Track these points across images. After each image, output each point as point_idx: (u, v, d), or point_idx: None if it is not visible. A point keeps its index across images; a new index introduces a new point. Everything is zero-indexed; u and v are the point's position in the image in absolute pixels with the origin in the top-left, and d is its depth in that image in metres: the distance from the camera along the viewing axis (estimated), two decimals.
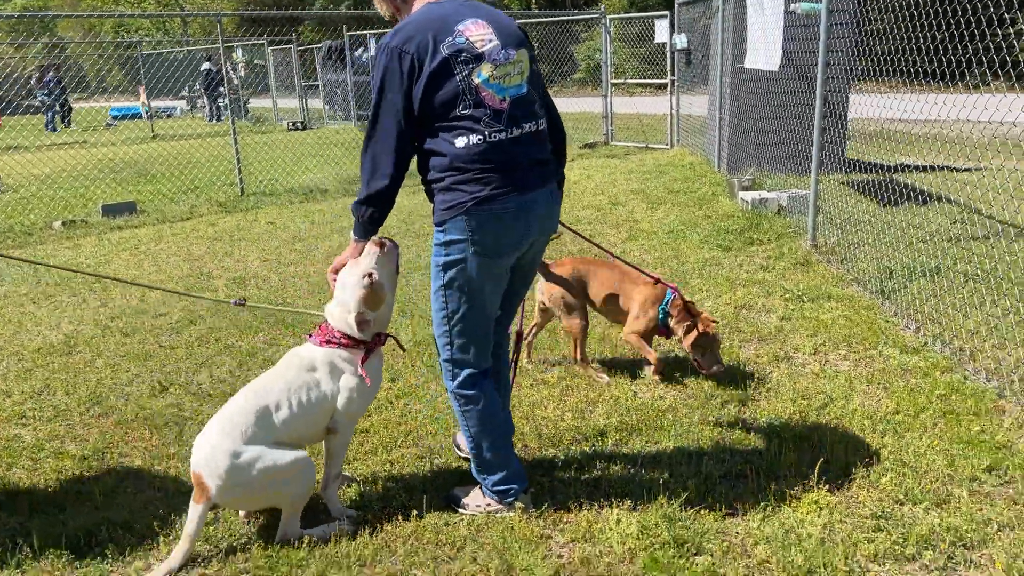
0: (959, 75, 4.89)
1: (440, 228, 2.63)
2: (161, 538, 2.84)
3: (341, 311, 2.82)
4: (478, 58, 2.54)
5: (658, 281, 4.07)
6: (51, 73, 21.59)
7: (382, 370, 3.00)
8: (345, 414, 2.84)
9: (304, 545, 2.73)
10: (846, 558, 2.57)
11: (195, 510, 2.64)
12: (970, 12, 4.59)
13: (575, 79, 28.20)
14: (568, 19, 17.67)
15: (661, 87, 14.19)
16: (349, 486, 3.15)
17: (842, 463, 3.15)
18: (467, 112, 2.53)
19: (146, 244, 7.84)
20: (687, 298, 4.10)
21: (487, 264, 2.64)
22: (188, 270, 6.73)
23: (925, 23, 5.06)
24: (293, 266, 6.73)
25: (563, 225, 3.19)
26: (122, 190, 11.00)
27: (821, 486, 2.99)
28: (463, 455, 3.25)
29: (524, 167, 2.65)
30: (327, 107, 21.73)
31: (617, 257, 4.29)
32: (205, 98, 23.51)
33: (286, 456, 2.68)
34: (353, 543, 2.75)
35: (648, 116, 15.90)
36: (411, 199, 8.48)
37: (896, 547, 2.63)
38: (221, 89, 23.78)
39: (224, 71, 13.11)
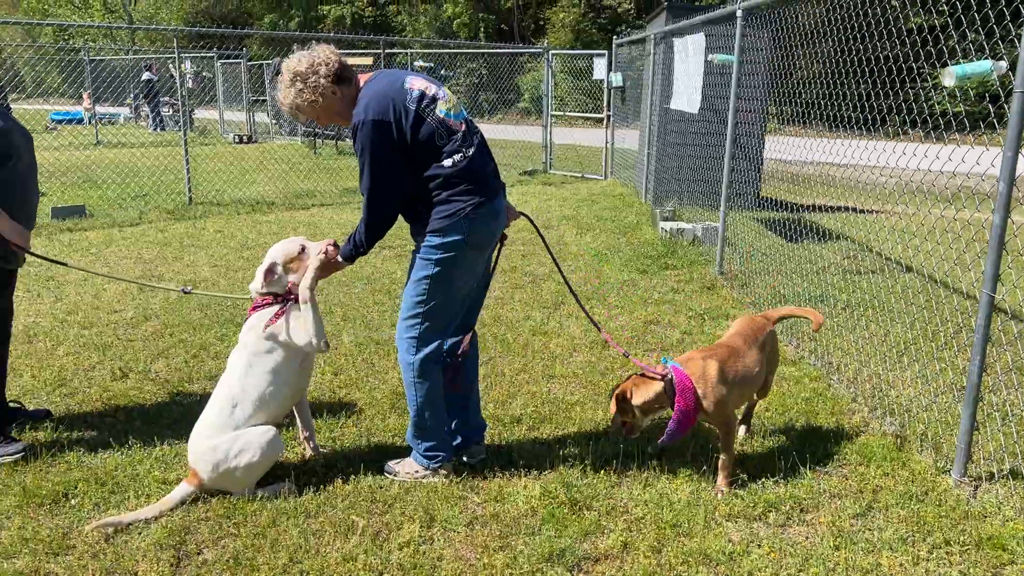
0: (873, 122, 5.59)
1: (437, 232, 3.16)
2: (131, 494, 3.29)
3: (258, 273, 3.36)
4: (433, 99, 3.16)
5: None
6: None
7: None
8: (296, 336, 3.30)
9: (257, 499, 3.21)
10: (705, 516, 3.17)
11: (183, 490, 3.17)
12: (879, 65, 5.32)
13: (519, 107, 29.08)
14: (514, 52, 18.42)
15: (598, 121, 15.00)
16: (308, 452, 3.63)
17: (714, 447, 3.77)
18: (444, 142, 3.14)
19: (96, 247, 8.15)
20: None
21: (474, 258, 3.27)
22: (140, 272, 7.09)
23: (836, 74, 5.80)
24: (241, 272, 7.15)
25: (531, 222, 3.85)
26: (71, 194, 11.21)
27: (694, 464, 3.60)
28: (392, 476, 3.58)
29: (489, 175, 3.31)
30: (273, 122, 22.05)
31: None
32: (147, 107, 23.58)
33: (260, 436, 3.22)
34: (299, 498, 3.25)
35: (585, 147, 16.71)
36: (354, 215, 8.96)
37: (748, 509, 3.24)
38: (162, 99, 23.89)
39: (171, 78, 13.36)
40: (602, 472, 3.53)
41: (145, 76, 22.56)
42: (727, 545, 2.99)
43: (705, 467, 3.57)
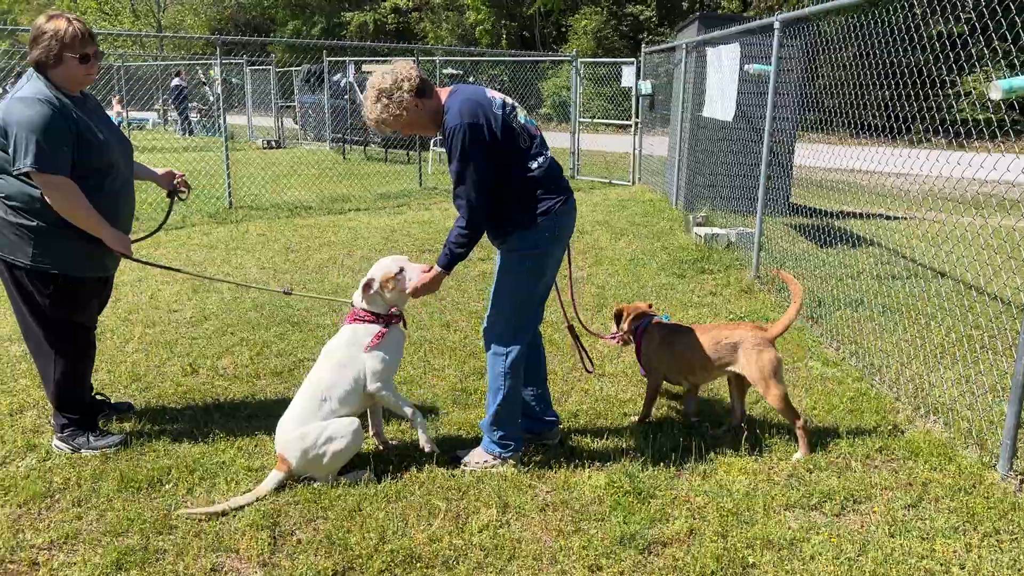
0: (900, 130, 5.75)
1: (530, 229, 3.40)
2: (221, 479, 3.50)
3: (362, 287, 3.56)
4: (513, 108, 3.44)
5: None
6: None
7: (402, 343, 3.71)
8: (372, 377, 3.53)
9: (340, 485, 3.41)
10: (764, 505, 3.35)
11: (276, 477, 3.38)
12: (909, 73, 5.49)
13: (541, 113, 29.30)
14: (540, 59, 18.60)
15: (622, 127, 15.16)
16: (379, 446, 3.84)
17: (767, 443, 3.94)
18: (527, 145, 3.40)
19: (146, 249, 8.37)
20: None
21: (558, 252, 3.55)
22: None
23: (868, 82, 5.97)
24: (289, 274, 7.37)
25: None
26: None
27: (748, 457, 3.78)
28: (463, 465, 3.78)
29: (562, 175, 3.58)
30: (301, 128, 22.39)
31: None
32: (176, 112, 24.00)
33: (347, 426, 3.43)
34: (378, 485, 3.45)
35: (611, 153, 16.89)
36: (391, 219, 9.16)
37: (803, 499, 3.41)
38: (192, 104, 24.30)
39: (201, 84, 13.64)
40: (661, 464, 3.70)
41: (175, 82, 22.98)
42: (787, 532, 3.16)
43: (760, 461, 3.75)
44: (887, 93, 5.68)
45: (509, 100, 3.48)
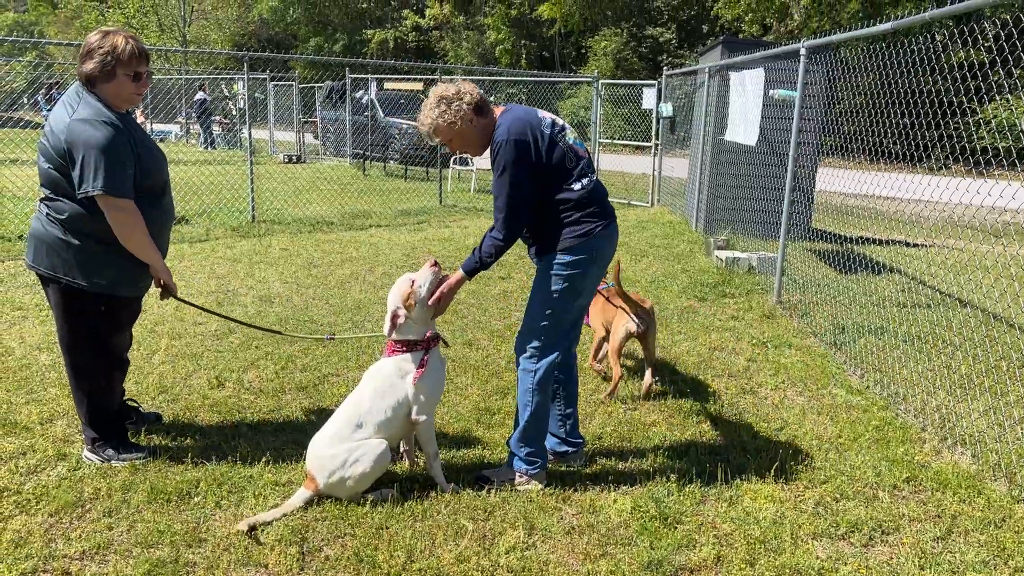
0: (921, 158, 5.77)
1: (569, 250, 3.45)
2: (249, 493, 3.52)
3: (390, 321, 3.57)
4: (563, 128, 3.51)
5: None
6: (56, 90, 22.17)
7: (444, 368, 3.72)
8: (419, 407, 3.54)
9: (367, 503, 3.43)
10: (791, 534, 3.34)
11: (303, 494, 3.40)
12: (931, 101, 5.51)
13: None
14: (562, 80, 18.71)
15: (640, 148, 15.21)
16: (399, 461, 3.85)
17: (792, 470, 3.93)
18: (573, 165, 3.45)
19: (170, 260, 8.45)
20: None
21: (596, 274, 3.57)
22: (215, 287, 7.40)
23: (890, 109, 5.98)
24: (312, 288, 7.42)
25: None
26: None
27: (774, 485, 3.77)
28: (488, 484, 3.76)
29: (607, 199, 3.63)
30: (322, 143, 22.59)
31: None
32: (199, 126, 24.29)
33: (375, 448, 3.44)
34: (405, 504, 3.46)
35: (630, 174, 16.93)
36: (412, 236, 9.20)
37: (831, 529, 3.40)
38: (215, 117, 24.60)
39: (224, 99, 13.81)
40: (687, 489, 3.70)
41: (199, 96, 23.27)
42: (816, 562, 3.14)
43: (786, 489, 3.74)
44: (908, 120, 5.70)
45: (560, 120, 3.55)
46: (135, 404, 4.26)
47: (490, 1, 37.60)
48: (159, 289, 3.83)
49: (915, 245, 10.20)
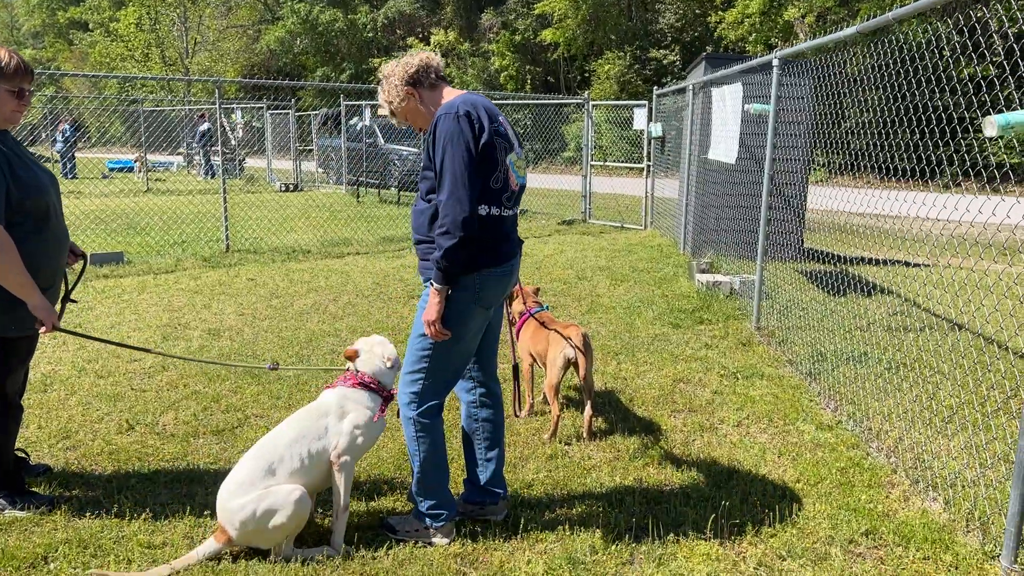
0: (923, 173, 5.34)
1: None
2: (112, 558, 3.13)
3: (380, 350, 3.29)
4: (511, 146, 3.09)
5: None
6: (67, 124, 22.19)
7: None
8: (348, 447, 3.17)
9: (292, 561, 3.03)
10: None
11: (210, 545, 3.04)
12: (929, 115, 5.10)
13: (564, 157, 29.16)
14: (556, 103, 18.50)
15: (640, 170, 14.85)
16: None
17: (737, 523, 3.49)
18: (495, 186, 3.01)
19: (129, 293, 8.18)
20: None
21: (482, 314, 3.13)
22: (167, 320, 7.06)
23: (880, 122, 5.59)
24: (267, 320, 7.07)
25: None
26: (112, 241, 11.39)
27: (714, 540, 3.33)
28: (391, 533, 3.39)
29: (512, 239, 3.19)
30: (320, 170, 22.41)
31: None
32: (201, 155, 24.20)
33: (288, 495, 3.04)
34: (289, 564, 3.05)
35: (626, 197, 16.55)
36: (388, 263, 8.87)
37: None
38: (214, 147, 24.53)
39: (223, 129, 13.65)
40: (613, 548, 3.27)
41: (203, 127, 23.14)
42: None
43: (727, 545, 3.30)
44: (908, 135, 5.29)
45: (514, 140, 3.16)
46: (24, 455, 3.90)
47: (495, 27, 37.58)
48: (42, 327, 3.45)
49: (916, 265, 9.71)
